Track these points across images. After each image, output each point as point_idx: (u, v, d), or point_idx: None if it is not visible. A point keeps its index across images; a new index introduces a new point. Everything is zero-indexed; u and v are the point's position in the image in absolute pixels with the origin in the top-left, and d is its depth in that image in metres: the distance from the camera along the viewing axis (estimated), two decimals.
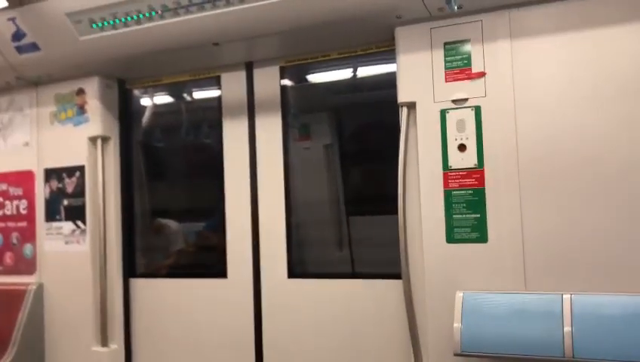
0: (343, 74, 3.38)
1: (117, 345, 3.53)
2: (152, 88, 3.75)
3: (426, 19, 2.70)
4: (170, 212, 3.89)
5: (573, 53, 2.45)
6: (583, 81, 2.43)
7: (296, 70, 3.36)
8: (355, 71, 3.32)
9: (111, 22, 3.00)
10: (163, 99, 3.88)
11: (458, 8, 2.57)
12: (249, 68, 3.37)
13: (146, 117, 3.83)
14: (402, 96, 2.75)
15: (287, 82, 3.35)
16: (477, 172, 2.59)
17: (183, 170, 3.98)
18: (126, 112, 3.71)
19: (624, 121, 2.36)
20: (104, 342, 3.44)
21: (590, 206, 2.40)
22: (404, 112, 2.73)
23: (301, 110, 3.45)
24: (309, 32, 2.86)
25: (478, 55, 2.61)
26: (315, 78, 3.48)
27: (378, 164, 3.30)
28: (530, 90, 2.51)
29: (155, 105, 3.84)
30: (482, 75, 2.60)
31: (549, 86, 2.49)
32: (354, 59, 3.22)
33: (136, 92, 3.77)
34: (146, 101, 3.83)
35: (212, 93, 3.55)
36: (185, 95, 3.80)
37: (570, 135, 2.44)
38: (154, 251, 3.85)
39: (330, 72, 3.39)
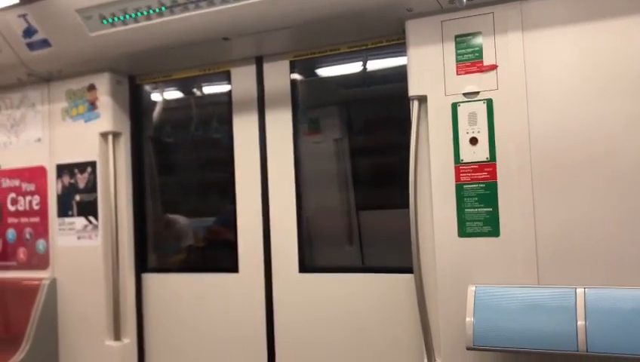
0: (353, 68, 3.36)
1: (130, 339, 3.55)
2: (163, 84, 3.76)
3: (436, 12, 2.68)
4: (180, 207, 3.91)
5: (586, 45, 2.43)
6: (596, 73, 2.40)
7: (306, 64, 3.35)
8: (365, 64, 3.31)
9: (121, 17, 3.01)
10: (173, 94, 3.89)
11: (468, 0, 2.54)
12: (259, 62, 3.37)
13: (156, 112, 3.84)
14: (413, 90, 2.73)
15: (297, 76, 3.35)
16: (489, 165, 2.57)
17: (193, 165, 3.98)
18: (137, 108, 3.73)
19: (638, 114, 2.33)
20: (117, 336, 3.47)
21: (603, 199, 2.38)
22: (415, 106, 2.72)
23: (311, 104, 3.43)
24: (318, 25, 2.85)
25: (490, 48, 2.59)
26: (325, 72, 3.47)
27: (389, 158, 3.29)
28: (542, 82, 2.49)
29: (166, 101, 3.85)
30: (494, 67, 2.58)
31: (561, 78, 2.46)
32: (364, 53, 3.20)
33: (146, 87, 3.78)
34: (156, 96, 3.84)
35: (222, 87, 3.55)
36: (195, 90, 3.80)
37: (583, 127, 2.41)
38: (165, 246, 3.87)
39: (340, 66, 3.38)
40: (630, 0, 2.36)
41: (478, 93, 2.60)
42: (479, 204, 2.59)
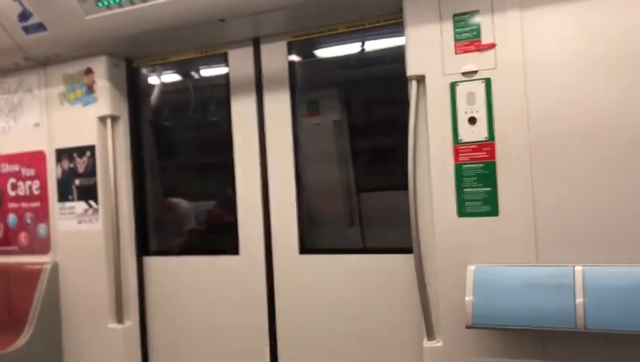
0: (351, 48, 3.34)
1: (132, 322, 3.58)
2: (160, 66, 3.74)
3: None
4: (180, 190, 3.91)
5: (583, 21, 2.41)
6: (594, 50, 2.39)
7: (304, 45, 3.33)
8: (363, 45, 3.29)
9: (117, 0, 2.98)
10: (171, 77, 3.87)
11: None
12: (256, 44, 3.34)
13: (154, 95, 3.83)
14: (411, 70, 2.71)
15: (294, 58, 3.33)
16: (488, 145, 2.57)
17: (192, 148, 3.99)
18: (135, 91, 3.71)
19: (637, 91, 2.32)
20: (119, 319, 3.50)
21: (601, 177, 2.38)
22: (413, 86, 2.70)
23: (309, 86, 3.42)
24: (315, 5, 2.83)
25: (488, 26, 2.57)
26: (323, 52, 3.45)
27: (388, 139, 3.29)
28: (541, 60, 2.47)
29: (164, 84, 3.83)
30: (492, 46, 2.56)
31: (559, 56, 2.45)
32: (362, 33, 3.18)
33: (144, 70, 3.76)
34: (154, 79, 3.82)
35: (220, 70, 3.53)
36: (193, 72, 3.79)
37: (581, 105, 2.40)
38: (166, 230, 3.88)
39: (338, 47, 3.36)
40: None
41: (476, 72, 2.58)
42: (478, 184, 2.59)
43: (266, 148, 3.33)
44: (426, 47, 2.68)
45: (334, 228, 3.50)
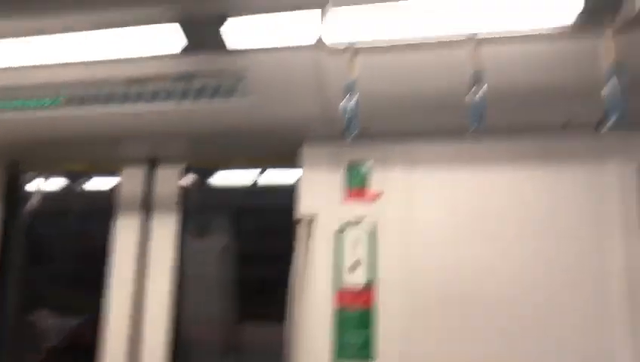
0: (247, 179, 3.41)
1: None
2: (45, 174, 3.59)
3: (331, 139, 2.79)
4: (46, 303, 3.63)
5: (464, 189, 2.62)
6: (471, 217, 2.58)
7: (199, 171, 3.35)
8: (258, 178, 3.36)
9: (8, 105, 2.88)
10: (56, 184, 3.71)
11: (358, 134, 2.67)
12: (151, 164, 3.31)
13: (34, 202, 3.62)
14: (301, 210, 2.79)
15: (188, 182, 3.32)
16: (368, 291, 2.62)
17: (66, 261, 3.76)
18: (13, 196, 3.49)
19: (504, 259, 2.50)
20: None
21: (476, 335, 2.47)
22: (302, 226, 2.76)
23: (201, 211, 3.40)
24: (214, 138, 2.89)
25: (378, 178, 2.72)
26: (218, 180, 3.49)
27: (274, 272, 3.27)
28: (425, 218, 2.63)
29: (46, 191, 3.66)
30: (379, 196, 2.70)
31: (441, 217, 2.61)
32: (258, 167, 3.27)
33: (26, 176, 3.58)
34: (36, 185, 3.64)
35: (109, 184, 3.44)
36: (79, 183, 3.66)
37: (459, 265, 2.54)
38: (24, 347, 3.53)
39: (233, 176, 3.42)
40: (503, 152, 2.61)
41: (362, 220, 2.69)
42: (357, 329, 2.60)
43: (145, 270, 3.18)
44: (317, 191, 2.78)
45: (209, 360, 3.35)
